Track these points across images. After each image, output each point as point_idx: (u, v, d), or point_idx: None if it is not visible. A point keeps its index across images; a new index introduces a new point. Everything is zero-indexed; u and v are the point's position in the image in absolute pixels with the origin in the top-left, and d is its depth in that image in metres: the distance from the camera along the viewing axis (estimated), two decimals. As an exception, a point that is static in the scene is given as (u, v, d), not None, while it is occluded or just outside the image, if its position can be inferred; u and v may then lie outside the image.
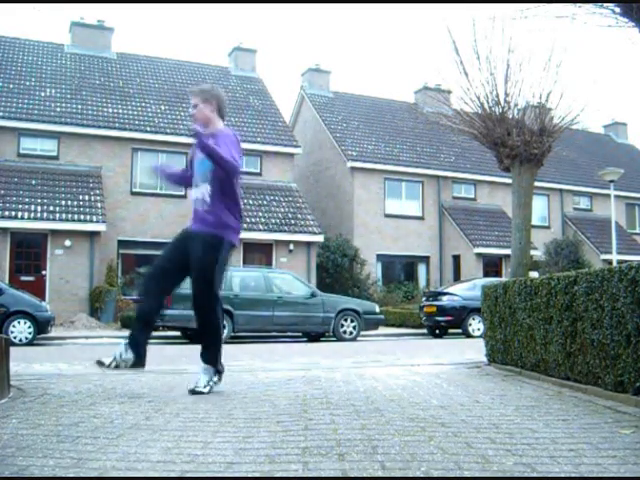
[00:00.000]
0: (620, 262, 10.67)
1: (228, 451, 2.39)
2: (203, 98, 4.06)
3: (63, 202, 18.42)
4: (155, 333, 15.41)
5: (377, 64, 70.89)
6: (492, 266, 24.19)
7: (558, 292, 4.19)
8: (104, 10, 58.58)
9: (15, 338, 11.97)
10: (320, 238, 20.88)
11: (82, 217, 18.11)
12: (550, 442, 2.54)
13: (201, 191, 3.98)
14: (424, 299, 16.78)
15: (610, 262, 22.16)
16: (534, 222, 17.95)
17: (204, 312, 3.93)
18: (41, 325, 12.52)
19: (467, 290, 15.65)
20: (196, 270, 3.89)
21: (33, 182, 18.76)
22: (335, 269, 21.91)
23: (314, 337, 14.53)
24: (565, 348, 4.09)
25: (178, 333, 14.62)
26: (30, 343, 12.20)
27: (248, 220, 20.06)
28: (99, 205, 18.71)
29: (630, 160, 31.81)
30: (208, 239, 3.88)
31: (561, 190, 27.99)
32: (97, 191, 19.24)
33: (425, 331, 16.61)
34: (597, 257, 26.30)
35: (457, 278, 23.72)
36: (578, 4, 5.43)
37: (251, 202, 21.00)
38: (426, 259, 25.00)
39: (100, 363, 4.00)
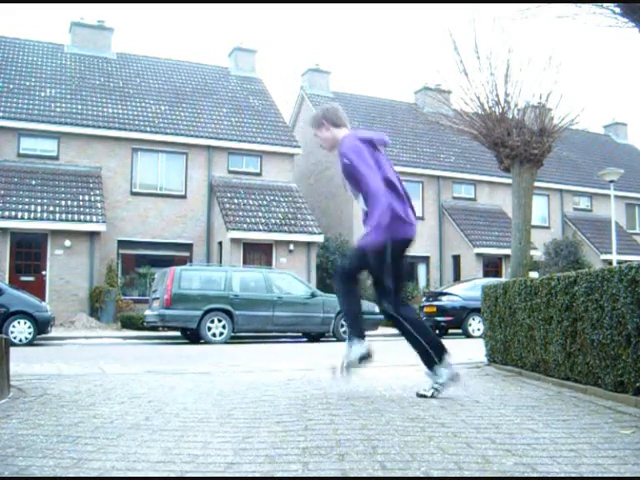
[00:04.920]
0: (620, 262, 10.66)
1: (228, 451, 2.39)
2: (316, 125, 4.09)
3: (63, 202, 18.42)
4: (155, 333, 15.45)
5: (377, 64, 70.93)
6: (492, 266, 24.20)
7: (558, 292, 4.19)
8: (104, 10, 58.62)
9: (15, 338, 11.97)
10: (320, 238, 20.88)
11: (82, 217, 18.11)
12: (550, 442, 2.53)
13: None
14: (424, 299, 16.78)
15: (610, 262, 22.17)
16: (534, 222, 17.98)
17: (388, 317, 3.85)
18: (41, 325, 12.51)
19: (467, 290, 15.65)
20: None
21: (33, 182, 18.76)
22: (335, 269, 21.90)
23: (314, 337, 14.53)
24: (565, 348, 4.09)
25: (178, 333, 14.62)
26: (30, 343, 12.20)
27: (248, 220, 20.07)
28: (99, 205, 18.71)
29: (630, 160, 31.83)
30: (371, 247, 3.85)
31: (561, 190, 28.00)
32: (97, 191, 19.25)
33: (425, 331, 16.60)
34: (597, 257, 26.30)
35: (457, 278, 23.72)
36: (578, 4, 5.43)
37: (251, 202, 21.00)
38: (426, 259, 25.00)
39: (333, 369, 3.86)
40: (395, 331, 3.89)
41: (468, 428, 2.81)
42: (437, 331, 16.11)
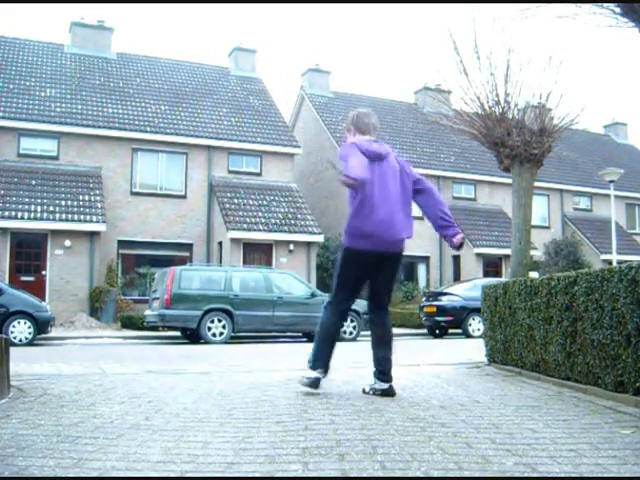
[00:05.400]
0: (620, 262, 10.66)
1: (228, 451, 2.39)
2: (347, 129, 4.24)
3: (63, 202, 18.42)
4: (155, 333, 15.45)
5: (377, 64, 70.90)
6: (492, 266, 24.19)
7: (558, 292, 4.19)
8: (104, 10, 58.61)
9: (15, 338, 11.97)
10: (320, 238, 20.87)
11: (82, 217, 18.11)
12: (550, 442, 2.53)
13: None
14: (424, 299, 16.77)
15: (610, 262, 22.16)
16: (534, 222, 17.98)
17: None
18: (41, 325, 12.51)
19: (467, 290, 15.64)
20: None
21: (33, 182, 18.75)
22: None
23: (314, 337, 14.51)
24: (565, 348, 4.09)
25: (178, 333, 14.62)
26: (30, 343, 12.19)
27: (248, 220, 20.07)
28: (99, 205, 18.71)
29: (630, 160, 31.82)
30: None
31: (561, 190, 28.00)
32: (97, 191, 19.24)
33: (425, 331, 16.61)
34: (597, 257, 26.29)
35: (457, 278, 23.72)
36: (578, 4, 5.44)
37: (251, 202, 21.00)
38: (426, 259, 25.00)
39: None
40: (394, 331, 3.91)
41: (468, 428, 2.81)
42: (437, 331, 16.13)
